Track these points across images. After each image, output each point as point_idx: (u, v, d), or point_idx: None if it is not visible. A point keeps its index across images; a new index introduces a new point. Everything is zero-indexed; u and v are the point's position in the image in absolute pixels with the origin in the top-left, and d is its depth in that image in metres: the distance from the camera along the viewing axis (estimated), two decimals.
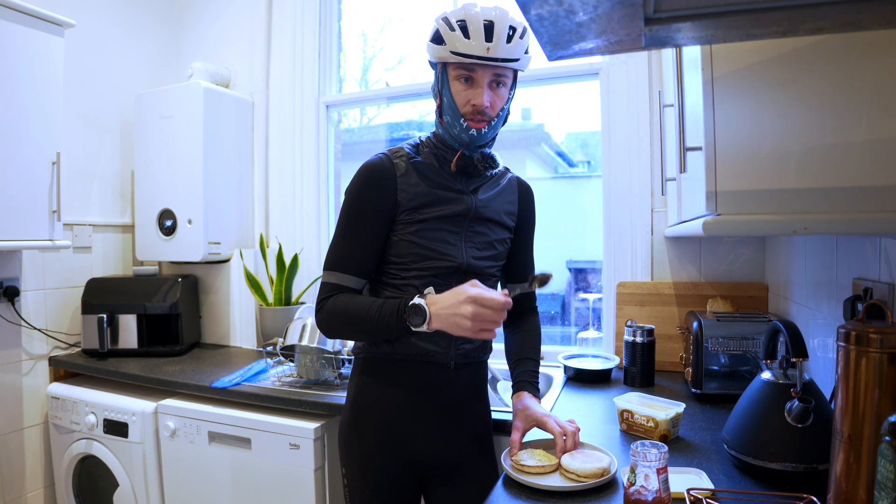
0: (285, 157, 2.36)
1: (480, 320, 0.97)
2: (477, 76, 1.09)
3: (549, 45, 0.64)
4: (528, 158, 2.37)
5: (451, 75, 1.11)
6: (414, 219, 1.13)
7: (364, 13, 2.48)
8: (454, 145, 1.16)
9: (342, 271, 1.13)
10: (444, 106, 1.14)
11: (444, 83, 1.12)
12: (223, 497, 1.64)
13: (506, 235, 1.25)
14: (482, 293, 0.98)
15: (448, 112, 1.13)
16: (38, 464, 2.04)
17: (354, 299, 1.10)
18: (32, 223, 1.79)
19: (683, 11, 0.57)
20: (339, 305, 1.10)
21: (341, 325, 1.12)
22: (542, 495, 0.94)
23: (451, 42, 1.07)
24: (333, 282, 1.12)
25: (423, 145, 1.19)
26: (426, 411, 1.18)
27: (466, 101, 1.10)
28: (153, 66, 2.48)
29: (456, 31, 1.07)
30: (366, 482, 1.18)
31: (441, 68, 1.13)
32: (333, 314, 1.11)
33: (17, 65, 1.73)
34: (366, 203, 1.13)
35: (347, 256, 1.13)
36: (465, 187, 1.18)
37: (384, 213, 1.12)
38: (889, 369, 0.70)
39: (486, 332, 0.99)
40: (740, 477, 0.97)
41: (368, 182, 1.13)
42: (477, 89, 1.10)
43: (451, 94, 1.11)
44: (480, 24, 1.06)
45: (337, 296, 1.12)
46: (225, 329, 2.31)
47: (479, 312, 0.97)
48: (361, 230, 1.13)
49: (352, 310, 1.09)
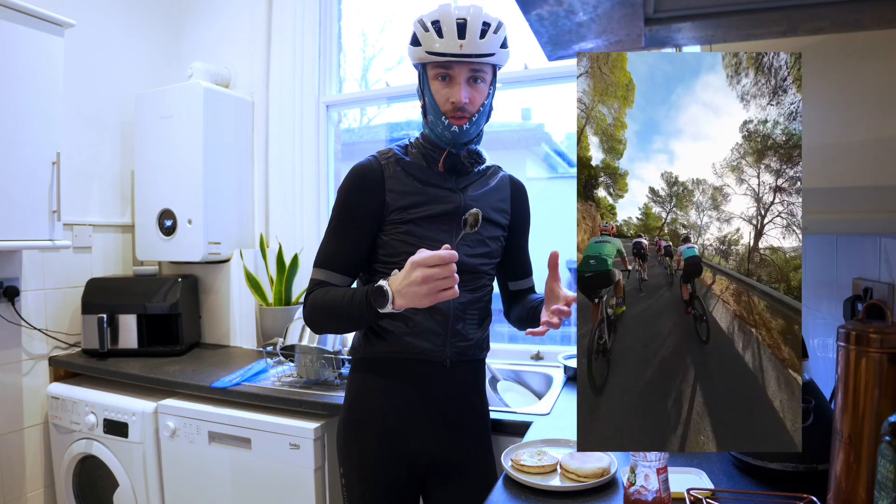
0: (285, 157, 2.35)
1: (433, 281, 0.95)
2: (454, 73, 1.12)
3: (549, 45, 0.64)
4: (528, 158, 2.37)
5: (429, 75, 1.14)
6: (404, 218, 1.14)
7: (364, 13, 2.48)
8: (440, 144, 1.17)
9: (329, 269, 1.15)
10: (426, 105, 1.17)
11: (425, 83, 1.15)
12: (223, 497, 1.64)
13: (498, 233, 1.25)
14: (422, 254, 0.96)
15: (430, 111, 1.15)
16: (38, 464, 2.04)
17: (331, 291, 1.12)
18: (32, 223, 1.79)
19: (683, 11, 0.57)
20: (318, 298, 1.13)
21: (322, 318, 1.14)
22: (542, 495, 0.94)
23: (427, 42, 1.11)
24: (320, 278, 1.15)
25: (412, 146, 1.21)
26: (424, 411, 1.18)
27: (446, 98, 1.13)
28: (153, 66, 2.48)
29: (430, 32, 1.10)
30: (363, 483, 1.18)
31: (421, 69, 1.16)
32: (314, 307, 1.13)
33: (17, 65, 1.73)
34: (354, 204, 1.16)
35: (334, 255, 1.16)
36: (454, 186, 1.19)
37: (372, 214, 1.15)
38: (889, 369, 0.70)
39: (445, 293, 0.96)
40: (740, 477, 0.97)
41: (357, 183, 1.16)
42: (454, 87, 1.12)
43: (431, 94, 1.14)
44: (453, 22, 1.09)
45: (318, 291, 1.14)
46: (225, 329, 2.31)
47: (427, 274, 0.94)
48: (349, 230, 1.16)
49: (328, 301, 1.11)
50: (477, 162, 1.22)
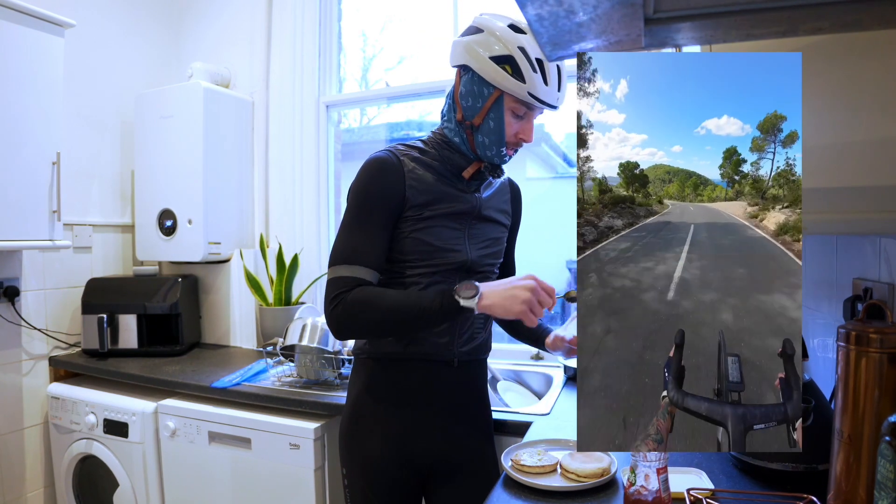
0: (285, 157, 2.36)
1: (537, 296, 1.01)
2: (530, 114, 1.13)
3: (549, 44, 0.64)
4: (528, 158, 2.37)
5: (508, 105, 1.11)
6: (421, 216, 1.12)
7: (364, 13, 2.48)
8: (470, 155, 1.16)
9: (357, 263, 1.06)
10: (484, 127, 1.12)
11: (497, 109, 1.11)
12: (223, 497, 1.64)
13: (502, 234, 1.26)
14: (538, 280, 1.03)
15: (489, 135, 1.12)
16: (38, 464, 2.04)
17: (385, 291, 1.07)
18: (32, 223, 1.79)
19: (683, 11, 0.57)
20: (366, 296, 1.04)
21: (369, 319, 1.05)
22: (542, 495, 0.94)
23: (532, 83, 1.07)
24: (348, 275, 1.06)
25: (428, 144, 1.19)
26: (427, 411, 1.18)
27: (515, 132, 1.13)
28: (153, 66, 2.48)
29: (538, 74, 1.07)
30: (367, 482, 1.18)
31: (498, 93, 1.10)
32: (359, 305, 1.04)
33: (17, 65, 1.73)
34: (376, 195, 1.10)
35: (361, 248, 1.08)
36: (468, 186, 1.19)
37: (393, 207, 1.11)
38: (889, 369, 0.70)
39: (532, 315, 1.02)
40: (740, 477, 0.97)
41: (378, 175, 1.11)
42: (527, 125, 1.14)
43: (501, 123, 1.11)
44: (554, 68, 1.09)
45: (359, 289, 1.05)
46: (225, 329, 2.31)
47: (539, 287, 1.01)
48: (373, 222, 1.09)
49: (387, 299, 1.04)
50: (497, 175, 1.22)
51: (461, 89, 1.14)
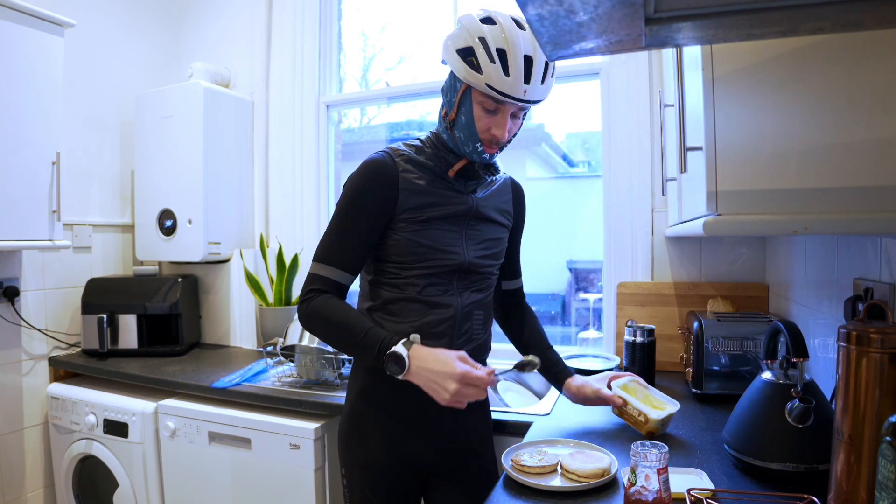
0: (285, 157, 2.36)
1: (460, 396, 0.99)
2: (503, 109, 1.07)
3: (549, 44, 0.64)
4: (528, 158, 2.37)
5: (475, 99, 1.07)
6: (416, 218, 1.12)
7: (364, 13, 2.48)
8: (458, 152, 1.16)
9: (332, 265, 1.11)
10: (458, 122, 1.11)
11: (467, 103, 1.09)
12: (223, 497, 1.64)
13: (503, 234, 1.25)
14: (470, 371, 0.99)
15: (463, 130, 1.11)
16: (38, 464, 2.04)
17: (344, 309, 1.09)
18: (32, 223, 1.79)
19: (684, 11, 0.57)
20: (327, 309, 1.09)
21: (322, 329, 1.11)
22: (542, 495, 0.94)
23: (489, 74, 1.02)
24: (322, 274, 1.11)
25: (425, 145, 1.18)
26: (427, 411, 1.18)
27: (487, 128, 1.09)
28: (153, 67, 2.48)
29: (496, 64, 1.01)
30: (366, 482, 1.18)
31: (465, 87, 1.08)
32: (318, 315, 1.10)
33: (17, 65, 1.73)
34: (365, 199, 1.11)
35: (339, 251, 1.12)
36: (464, 187, 1.18)
37: (383, 211, 1.12)
38: (890, 369, 0.70)
39: (459, 405, 1.00)
40: (740, 477, 0.97)
41: (371, 178, 1.11)
42: (500, 120, 1.08)
43: (471, 117, 1.09)
44: (521, 58, 1.01)
45: (329, 297, 1.10)
46: (225, 329, 2.31)
47: (462, 391, 0.99)
48: (357, 226, 1.11)
49: (338, 320, 1.08)
50: (491, 173, 1.20)
51: (443, 85, 1.15)
